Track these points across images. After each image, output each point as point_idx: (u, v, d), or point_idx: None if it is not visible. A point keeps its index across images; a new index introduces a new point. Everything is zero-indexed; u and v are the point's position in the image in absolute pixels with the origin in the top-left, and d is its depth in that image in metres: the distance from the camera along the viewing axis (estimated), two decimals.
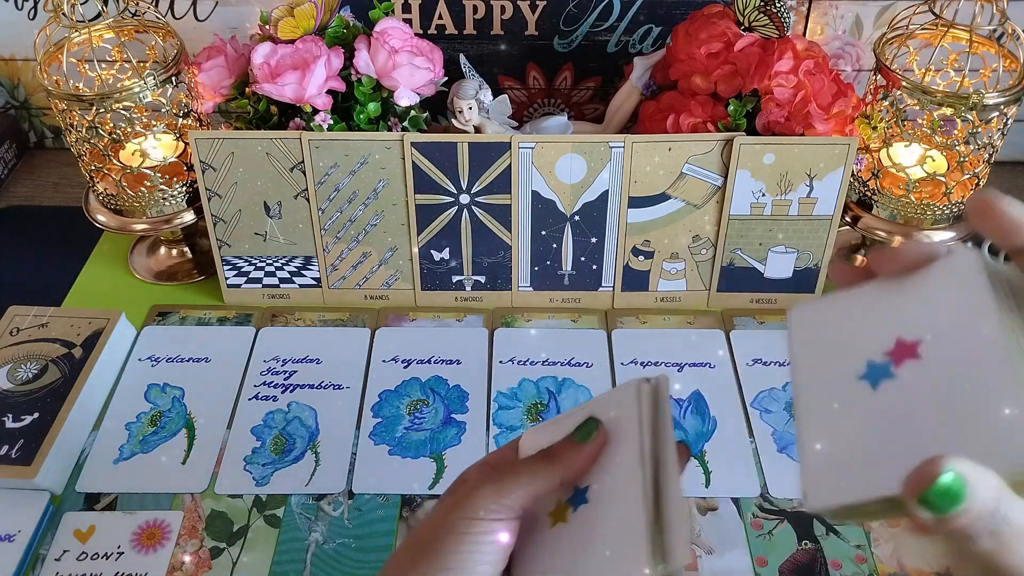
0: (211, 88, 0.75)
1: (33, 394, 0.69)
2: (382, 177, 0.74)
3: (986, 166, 0.75)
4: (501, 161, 0.73)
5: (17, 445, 0.65)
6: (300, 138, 0.72)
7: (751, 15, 0.74)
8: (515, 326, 0.79)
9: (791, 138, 0.72)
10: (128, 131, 0.76)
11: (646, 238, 0.77)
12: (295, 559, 0.61)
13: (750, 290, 0.80)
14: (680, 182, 0.74)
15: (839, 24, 0.90)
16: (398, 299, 0.81)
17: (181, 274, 0.85)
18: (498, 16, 0.87)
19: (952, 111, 0.70)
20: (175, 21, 0.91)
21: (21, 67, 0.98)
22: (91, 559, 0.60)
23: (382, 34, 0.71)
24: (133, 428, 0.70)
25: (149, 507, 0.64)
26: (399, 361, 0.75)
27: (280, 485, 0.65)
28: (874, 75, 0.75)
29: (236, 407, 0.71)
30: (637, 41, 0.89)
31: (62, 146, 1.03)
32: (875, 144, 0.76)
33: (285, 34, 0.72)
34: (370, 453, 0.68)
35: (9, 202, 0.97)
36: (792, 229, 0.76)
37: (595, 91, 0.93)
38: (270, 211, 0.77)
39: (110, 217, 0.80)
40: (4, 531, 0.61)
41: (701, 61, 0.73)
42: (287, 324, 0.79)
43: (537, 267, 0.79)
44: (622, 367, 0.74)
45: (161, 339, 0.77)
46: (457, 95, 0.74)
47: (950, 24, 0.71)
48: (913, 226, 0.77)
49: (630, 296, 0.80)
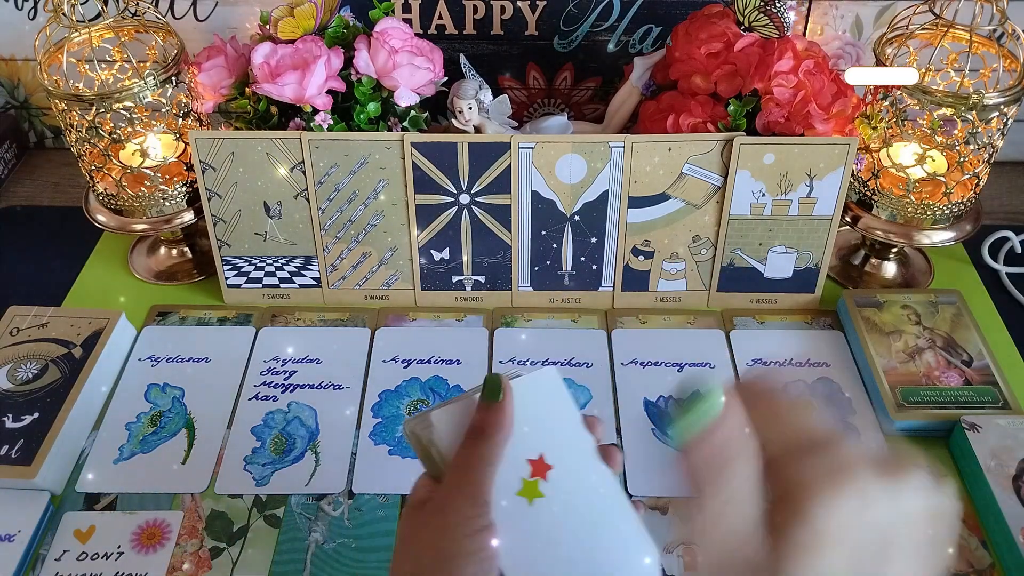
0: (211, 88, 0.76)
1: (33, 394, 0.69)
2: (382, 177, 0.74)
3: (986, 166, 0.75)
4: (501, 161, 0.73)
5: (17, 445, 0.65)
6: (300, 138, 0.72)
7: (751, 15, 0.74)
8: (515, 326, 0.79)
9: (791, 138, 0.72)
10: (128, 131, 0.76)
11: (646, 238, 0.77)
12: (295, 559, 0.61)
13: (750, 290, 0.80)
14: (680, 182, 0.74)
15: (839, 24, 0.90)
16: (398, 299, 0.81)
17: (181, 274, 0.85)
18: (498, 16, 0.87)
19: (952, 111, 0.70)
20: (175, 21, 0.91)
21: (21, 67, 0.98)
22: (91, 559, 0.60)
23: (382, 34, 0.71)
24: (133, 428, 0.70)
25: (149, 507, 0.64)
26: (399, 361, 0.75)
27: (280, 485, 0.65)
28: None
29: (236, 407, 0.71)
30: (637, 41, 0.89)
31: (62, 146, 1.03)
32: (875, 144, 0.76)
33: (285, 34, 0.72)
34: (370, 453, 0.68)
35: (9, 202, 0.97)
36: (792, 229, 0.76)
37: (595, 91, 0.93)
38: (270, 211, 0.77)
39: (110, 217, 0.80)
40: (4, 531, 0.61)
41: (701, 61, 0.73)
42: (287, 324, 0.79)
43: (537, 267, 0.79)
44: (622, 367, 0.74)
45: (161, 339, 0.77)
46: (457, 95, 0.74)
47: (950, 24, 0.71)
48: (913, 226, 0.77)
49: (630, 296, 0.80)
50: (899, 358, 0.72)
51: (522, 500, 0.43)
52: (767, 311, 0.80)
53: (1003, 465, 0.63)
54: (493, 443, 0.42)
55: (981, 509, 0.63)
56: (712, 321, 0.79)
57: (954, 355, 0.72)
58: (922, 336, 0.74)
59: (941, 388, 0.70)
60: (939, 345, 0.73)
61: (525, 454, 0.44)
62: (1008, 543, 0.59)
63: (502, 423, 0.43)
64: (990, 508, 0.61)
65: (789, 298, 0.80)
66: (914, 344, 0.73)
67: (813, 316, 0.79)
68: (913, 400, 0.69)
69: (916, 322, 0.75)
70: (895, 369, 0.71)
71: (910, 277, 0.84)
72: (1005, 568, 0.60)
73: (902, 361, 0.72)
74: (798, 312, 0.80)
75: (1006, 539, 0.60)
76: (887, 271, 0.84)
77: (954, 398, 0.69)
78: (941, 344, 0.73)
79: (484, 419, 0.43)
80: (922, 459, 0.36)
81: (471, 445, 0.43)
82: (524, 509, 0.43)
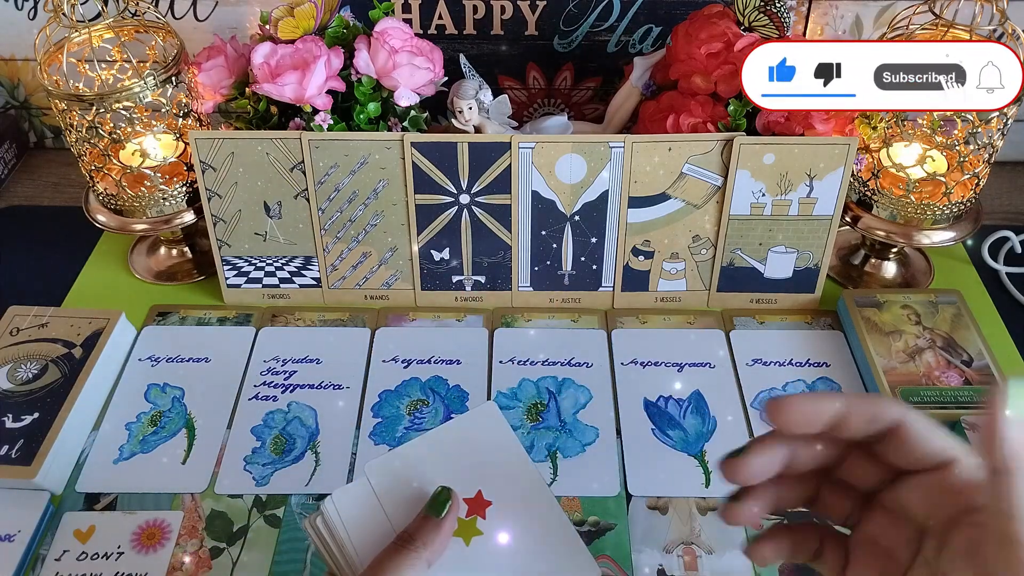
0: (211, 88, 0.75)
1: (33, 394, 0.69)
2: (382, 177, 0.74)
3: (986, 166, 0.75)
4: (501, 161, 0.73)
5: (17, 445, 0.65)
6: (300, 138, 0.72)
7: (751, 15, 0.74)
8: (515, 326, 0.79)
9: (791, 138, 0.72)
10: (128, 131, 0.76)
11: (646, 238, 0.77)
12: (295, 559, 0.61)
13: (750, 290, 0.80)
14: (680, 182, 0.74)
15: (839, 24, 0.90)
16: (398, 299, 0.81)
17: (181, 274, 0.85)
18: (498, 16, 0.87)
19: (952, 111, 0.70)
20: (175, 21, 0.91)
21: (21, 67, 0.98)
22: (91, 559, 0.60)
23: (382, 34, 0.71)
24: (133, 428, 0.70)
25: (149, 507, 0.64)
26: (399, 361, 0.75)
27: (280, 485, 0.65)
28: None
29: (236, 407, 0.71)
30: (637, 41, 0.89)
31: (62, 146, 1.03)
32: (875, 144, 0.76)
33: (285, 34, 0.72)
34: (370, 453, 0.68)
35: (9, 202, 0.97)
36: (792, 229, 0.76)
37: (595, 91, 0.93)
38: (270, 211, 0.77)
39: (110, 217, 0.80)
40: (4, 531, 0.61)
41: (701, 61, 0.73)
42: (287, 324, 0.79)
43: (537, 267, 0.79)
44: (622, 367, 0.74)
45: (161, 339, 0.77)
46: (457, 95, 0.74)
47: (950, 24, 0.71)
48: (913, 226, 0.77)
49: (630, 296, 0.80)
50: (899, 358, 0.72)
51: (458, 541, 0.43)
52: (767, 311, 0.80)
53: None
54: (418, 557, 0.41)
55: None
56: (712, 321, 0.79)
57: (954, 355, 0.72)
58: (922, 336, 0.74)
59: (941, 388, 0.70)
60: (939, 345, 0.73)
61: (463, 494, 0.44)
62: None
63: (434, 541, 0.42)
64: None
65: (789, 298, 0.80)
66: (914, 344, 0.73)
67: (813, 316, 0.80)
68: (913, 400, 0.69)
69: (916, 322, 0.75)
70: (895, 369, 0.71)
71: (910, 277, 0.84)
72: None
73: (902, 361, 0.72)
74: (798, 312, 0.80)
75: None
76: (887, 271, 0.84)
77: (954, 398, 0.69)
78: (941, 344, 0.73)
79: (420, 530, 0.42)
80: None
81: (396, 551, 0.42)
82: (461, 551, 0.43)
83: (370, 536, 0.43)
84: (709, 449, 0.68)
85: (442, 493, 0.44)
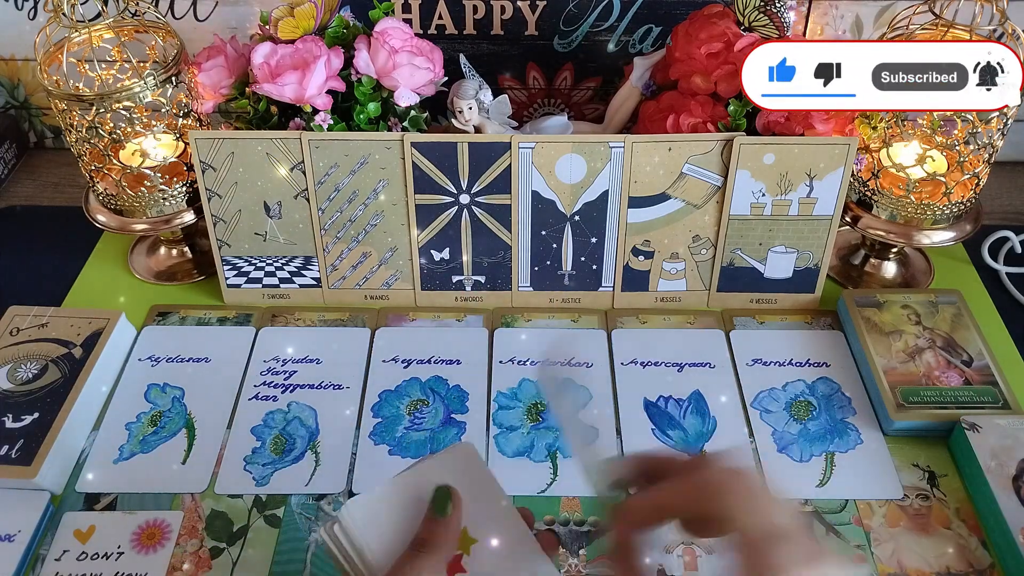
0: (211, 88, 0.75)
1: (33, 394, 0.69)
2: (382, 177, 0.74)
3: (986, 166, 0.75)
4: (501, 161, 0.73)
5: (17, 445, 0.65)
6: (300, 138, 0.72)
7: (751, 15, 0.74)
8: (515, 326, 0.79)
9: (791, 138, 0.72)
10: (128, 131, 0.76)
11: (646, 238, 0.77)
12: (295, 559, 0.61)
13: (750, 290, 0.80)
14: (680, 182, 0.74)
15: (839, 24, 0.90)
16: (398, 299, 0.81)
17: (181, 274, 0.85)
18: (498, 16, 0.87)
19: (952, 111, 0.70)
20: (175, 21, 0.91)
21: (21, 67, 0.98)
22: (91, 559, 0.60)
23: (382, 34, 0.71)
24: (133, 428, 0.70)
25: (149, 507, 0.64)
26: (399, 361, 0.75)
27: (280, 485, 0.65)
28: None
29: (236, 407, 0.71)
30: (637, 41, 0.89)
31: (62, 146, 1.03)
32: (875, 144, 0.76)
33: (285, 34, 0.72)
34: (370, 453, 0.68)
35: (9, 202, 0.97)
36: (792, 229, 0.76)
37: (595, 91, 0.93)
38: (270, 211, 0.77)
39: (110, 217, 0.80)
40: (4, 531, 0.61)
41: (701, 61, 0.73)
42: (287, 324, 0.79)
43: (537, 267, 0.79)
44: (622, 367, 0.74)
45: (161, 339, 0.77)
46: (457, 95, 0.74)
47: (950, 24, 0.71)
48: (913, 226, 0.77)
49: (630, 296, 0.80)
50: (899, 358, 0.72)
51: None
52: (767, 311, 0.80)
53: (1003, 465, 0.63)
54: (435, 559, 0.41)
55: (981, 509, 0.63)
56: (712, 321, 0.79)
57: (954, 355, 0.72)
58: (922, 336, 0.74)
59: (941, 388, 0.70)
60: (939, 345, 0.73)
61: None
62: (1008, 543, 0.59)
63: (447, 539, 0.42)
64: (990, 508, 0.61)
65: (789, 298, 0.80)
66: (914, 344, 0.73)
67: (813, 316, 0.80)
68: (913, 400, 0.69)
69: (916, 322, 0.75)
70: (895, 369, 0.71)
71: (910, 277, 0.84)
72: (1005, 568, 0.60)
73: (902, 361, 0.72)
74: (798, 312, 0.80)
75: (1006, 539, 0.60)
76: (887, 271, 0.84)
77: (954, 398, 0.69)
78: (941, 344, 0.73)
79: (430, 531, 0.42)
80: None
81: (412, 557, 0.42)
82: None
83: (388, 544, 0.43)
84: (709, 449, 0.68)
85: (441, 492, 0.44)
